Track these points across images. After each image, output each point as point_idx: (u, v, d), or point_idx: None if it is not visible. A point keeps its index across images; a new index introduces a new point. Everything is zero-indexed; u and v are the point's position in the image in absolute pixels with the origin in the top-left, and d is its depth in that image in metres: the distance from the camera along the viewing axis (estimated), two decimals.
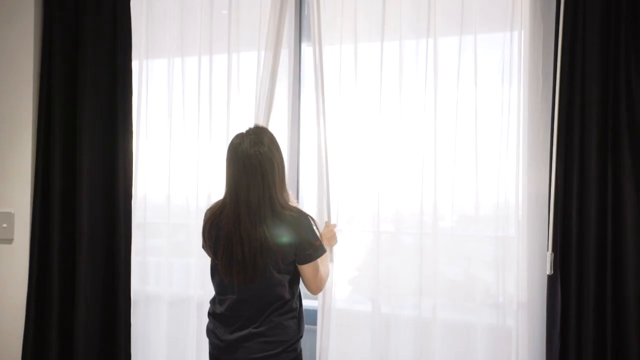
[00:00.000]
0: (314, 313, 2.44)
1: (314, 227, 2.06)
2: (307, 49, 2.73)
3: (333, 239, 2.33)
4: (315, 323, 2.44)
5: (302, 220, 2.03)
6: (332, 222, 2.39)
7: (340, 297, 2.50)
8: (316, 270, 2.07)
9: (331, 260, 2.35)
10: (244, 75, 2.61)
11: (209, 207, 2.17)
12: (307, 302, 2.29)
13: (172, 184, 2.69)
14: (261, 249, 1.96)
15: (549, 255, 2.11)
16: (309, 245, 2.03)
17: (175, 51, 2.69)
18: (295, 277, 2.09)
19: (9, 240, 2.80)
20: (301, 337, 2.10)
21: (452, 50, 2.32)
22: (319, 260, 2.07)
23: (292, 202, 2.11)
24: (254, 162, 1.97)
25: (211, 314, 2.12)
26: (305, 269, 2.06)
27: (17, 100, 2.81)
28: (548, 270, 2.11)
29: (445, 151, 2.31)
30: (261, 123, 2.41)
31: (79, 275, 2.62)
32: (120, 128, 2.64)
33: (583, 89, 2.09)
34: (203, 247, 2.19)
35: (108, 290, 2.65)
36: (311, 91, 2.49)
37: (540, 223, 2.18)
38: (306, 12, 2.67)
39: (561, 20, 2.10)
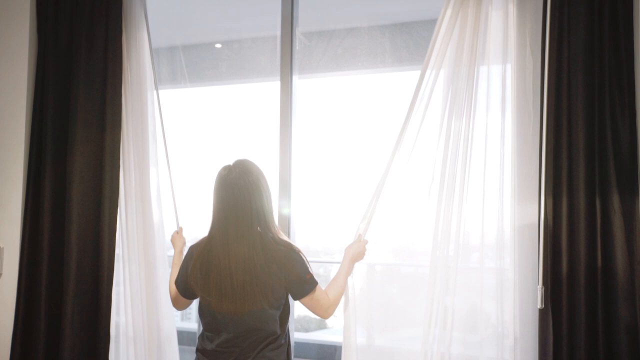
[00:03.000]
0: (308, 346, 2.42)
1: (304, 261, 2.05)
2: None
3: (360, 255, 2.28)
4: (308, 356, 2.42)
5: (291, 256, 2.02)
6: (366, 238, 2.32)
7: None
8: (315, 300, 2.07)
9: (351, 275, 2.28)
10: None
11: (194, 244, 2.15)
12: (303, 335, 2.26)
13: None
14: (250, 277, 1.95)
15: (539, 289, 2.11)
16: (300, 281, 2.02)
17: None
18: (285, 312, 2.08)
19: None
20: None
21: (460, 81, 2.30)
22: (317, 289, 2.06)
23: (281, 235, 2.11)
24: (243, 191, 1.98)
25: (200, 350, 2.08)
26: (303, 301, 2.07)
27: (8, 133, 2.81)
28: (539, 304, 2.11)
29: (436, 184, 2.31)
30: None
31: (66, 311, 2.59)
32: (107, 162, 2.63)
33: (570, 124, 2.11)
34: (177, 282, 2.17)
35: (92, 325, 2.62)
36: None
37: (532, 257, 2.18)
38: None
39: (547, 57, 2.14)
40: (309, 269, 2.06)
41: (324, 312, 2.10)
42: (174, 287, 2.22)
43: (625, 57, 2.09)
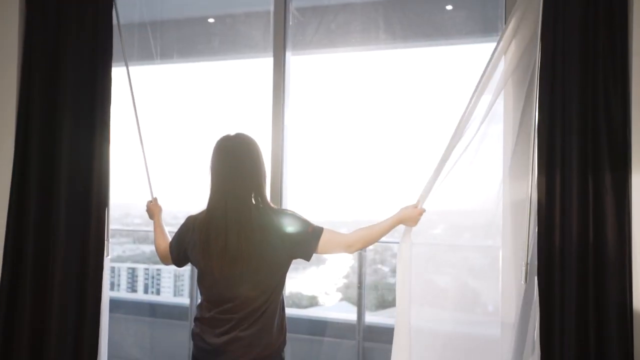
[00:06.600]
0: (299, 321, 2.44)
1: (303, 218, 2.07)
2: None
3: (412, 222, 2.22)
4: (298, 332, 2.43)
5: (287, 219, 2.05)
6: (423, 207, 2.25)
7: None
8: (329, 243, 2.07)
9: (408, 240, 2.22)
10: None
11: (192, 215, 2.16)
12: (295, 311, 2.27)
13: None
14: (245, 236, 1.97)
15: (522, 265, 2.13)
16: (305, 238, 2.04)
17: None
18: (281, 283, 2.09)
19: None
20: (285, 343, 2.11)
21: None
22: (324, 234, 2.06)
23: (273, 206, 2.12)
24: (245, 157, 2.02)
25: (198, 319, 2.11)
26: (319, 252, 2.08)
27: None
28: (522, 280, 2.13)
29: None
30: None
31: (54, 282, 2.58)
32: (97, 137, 2.60)
33: (563, 103, 2.12)
34: (172, 249, 2.18)
35: (82, 297, 2.61)
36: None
37: (525, 234, 2.20)
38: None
39: (541, 34, 2.13)
40: (310, 222, 2.07)
41: (344, 249, 2.11)
42: (163, 248, 2.29)
43: (619, 36, 2.08)
